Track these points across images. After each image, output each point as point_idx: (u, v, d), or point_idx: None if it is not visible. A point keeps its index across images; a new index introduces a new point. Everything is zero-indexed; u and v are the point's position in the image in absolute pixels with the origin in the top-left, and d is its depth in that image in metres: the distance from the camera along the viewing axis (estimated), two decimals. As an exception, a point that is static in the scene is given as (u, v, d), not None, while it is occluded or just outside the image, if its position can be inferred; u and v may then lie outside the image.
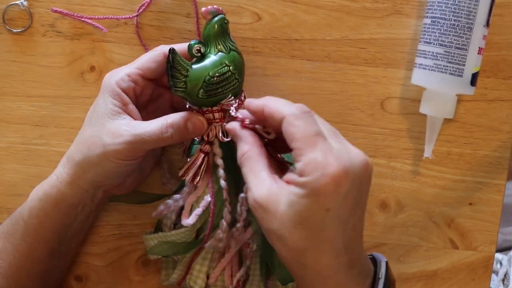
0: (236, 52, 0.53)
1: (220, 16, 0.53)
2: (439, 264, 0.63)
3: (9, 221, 0.57)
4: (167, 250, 0.58)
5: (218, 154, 0.54)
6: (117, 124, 0.52)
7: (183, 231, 0.56)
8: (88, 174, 0.54)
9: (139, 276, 0.64)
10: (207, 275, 0.58)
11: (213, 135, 0.54)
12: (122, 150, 0.51)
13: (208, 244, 0.56)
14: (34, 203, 0.55)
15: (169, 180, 0.62)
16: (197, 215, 0.55)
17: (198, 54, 0.52)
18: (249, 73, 0.61)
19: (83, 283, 0.64)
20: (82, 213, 0.57)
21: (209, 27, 0.53)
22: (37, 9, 0.62)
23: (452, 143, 0.62)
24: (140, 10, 0.61)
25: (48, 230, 0.56)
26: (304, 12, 0.61)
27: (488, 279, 0.63)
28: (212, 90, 0.52)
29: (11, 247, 0.56)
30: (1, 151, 0.63)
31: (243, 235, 0.56)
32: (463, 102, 0.62)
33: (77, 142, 0.55)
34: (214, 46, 0.53)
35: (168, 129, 0.52)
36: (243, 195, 0.54)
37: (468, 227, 0.63)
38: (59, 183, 0.55)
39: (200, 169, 0.54)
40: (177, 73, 0.51)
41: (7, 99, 0.63)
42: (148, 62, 0.55)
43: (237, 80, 0.53)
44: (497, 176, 0.63)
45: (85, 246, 0.64)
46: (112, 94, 0.54)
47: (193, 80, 0.51)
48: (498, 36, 0.61)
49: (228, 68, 0.52)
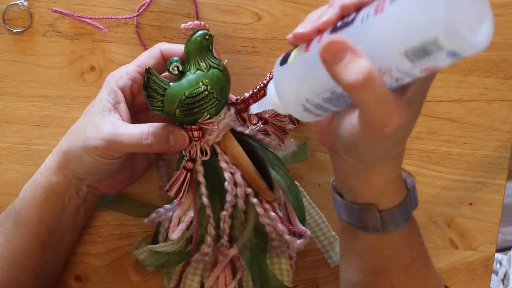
0: (218, 69, 0.52)
1: (201, 32, 0.51)
2: (439, 264, 0.63)
3: (3, 213, 0.59)
4: (156, 261, 0.58)
5: (200, 171, 0.55)
6: (103, 120, 0.53)
7: (171, 243, 0.57)
8: (71, 165, 0.55)
9: (139, 276, 0.64)
10: (200, 284, 0.59)
11: (194, 152, 0.54)
12: (99, 147, 0.52)
13: (194, 258, 0.57)
14: (26, 193, 0.57)
15: (166, 184, 0.62)
16: (181, 230, 0.56)
17: (176, 72, 0.51)
18: (249, 73, 0.61)
19: (83, 283, 0.64)
20: (69, 206, 0.57)
21: (189, 44, 0.51)
22: (37, 9, 0.62)
23: (452, 143, 0.62)
24: (140, 10, 0.61)
25: (38, 220, 0.56)
26: (304, 12, 0.61)
27: (488, 279, 0.63)
28: (188, 110, 0.52)
29: (3, 238, 0.57)
30: (1, 151, 0.63)
31: (229, 250, 0.57)
32: (463, 102, 0.62)
33: (68, 132, 0.56)
34: (194, 64, 0.51)
35: (150, 137, 0.52)
36: (224, 213, 0.55)
37: (468, 227, 0.63)
38: (47, 171, 0.56)
39: (182, 185, 0.55)
40: (153, 93, 0.51)
41: (7, 99, 0.63)
42: (147, 59, 0.55)
43: (216, 99, 0.52)
44: (497, 176, 0.63)
45: (85, 246, 0.64)
46: (109, 91, 0.54)
47: (170, 99, 0.51)
48: (498, 36, 0.61)
49: (204, 88, 0.51)
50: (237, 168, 0.54)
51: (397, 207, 0.47)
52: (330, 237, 0.62)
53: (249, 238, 0.56)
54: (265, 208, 0.56)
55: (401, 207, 0.48)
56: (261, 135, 0.57)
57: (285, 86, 0.44)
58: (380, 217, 0.47)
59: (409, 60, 0.35)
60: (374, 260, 0.50)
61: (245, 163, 0.54)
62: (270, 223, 0.56)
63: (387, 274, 0.51)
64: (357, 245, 0.51)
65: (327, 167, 0.62)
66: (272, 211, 0.56)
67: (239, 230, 0.57)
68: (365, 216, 0.48)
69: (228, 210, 0.55)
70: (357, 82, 0.36)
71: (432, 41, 0.33)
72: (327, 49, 0.37)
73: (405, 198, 0.48)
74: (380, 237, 0.49)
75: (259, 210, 0.55)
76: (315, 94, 0.41)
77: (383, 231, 0.48)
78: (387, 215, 0.47)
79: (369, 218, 0.48)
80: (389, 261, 0.50)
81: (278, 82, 0.44)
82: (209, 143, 0.54)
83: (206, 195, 0.55)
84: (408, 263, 0.50)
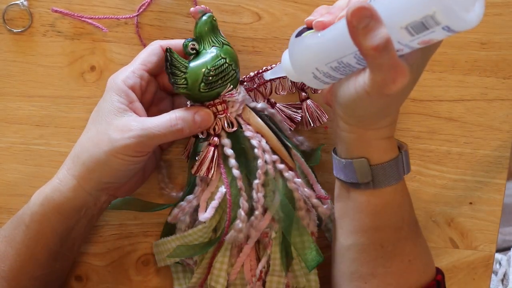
0: (229, 45, 0.55)
1: (209, 14, 0.55)
2: (439, 263, 0.63)
3: (10, 224, 0.57)
4: (185, 252, 0.57)
5: (227, 144, 0.55)
6: (124, 120, 0.52)
7: (201, 228, 0.56)
8: (94, 175, 0.53)
9: (140, 276, 0.64)
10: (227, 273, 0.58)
11: (219, 127, 0.55)
12: (131, 145, 0.51)
13: (229, 236, 0.56)
14: (36, 208, 0.55)
15: (167, 185, 0.62)
16: (214, 207, 0.55)
17: (193, 51, 0.54)
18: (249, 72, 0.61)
19: (84, 283, 0.64)
20: (84, 217, 0.56)
21: (200, 25, 0.55)
22: (38, 9, 0.62)
23: (452, 143, 0.63)
24: (140, 10, 0.61)
25: (50, 235, 0.55)
26: (305, 12, 0.61)
27: (488, 278, 0.63)
28: (213, 82, 0.54)
29: (13, 251, 0.55)
30: (1, 151, 0.63)
31: (261, 223, 0.57)
32: (463, 101, 0.62)
33: (82, 142, 0.55)
34: (208, 42, 0.55)
35: (179, 121, 0.52)
36: (256, 182, 0.55)
37: (468, 226, 0.63)
38: (62, 187, 0.54)
39: (212, 162, 0.55)
40: (176, 70, 0.53)
41: (8, 99, 0.63)
42: (149, 56, 0.55)
43: (234, 71, 0.55)
44: (497, 175, 0.63)
45: (85, 246, 0.64)
46: (118, 92, 0.54)
47: (193, 75, 0.53)
48: (498, 36, 0.61)
49: (224, 60, 0.54)
50: (262, 137, 0.56)
51: (387, 163, 0.51)
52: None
53: (280, 205, 0.56)
54: (291, 174, 0.57)
55: (392, 164, 0.52)
56: (272, 110, 0.59)
57: (298, 55, 0.50)
58: (371, 172, 0.51)
59: (409, 33, 0.40)
60: (365, 220, 0.53)
61: (267, 132, 0.57)
62: (298, 188, 0.57)
63: (377, 235, 0.53)
64: (350, 206, 0.54)
65: (327, 166, 0.62)
66: (296, 177, 0.57)
67: (271, 198, 0.56)
68: (357, 170, 0.52)
69: (261, 178, 0.55)
70: (378, 47, 0.40)
71: (430, 17, 0.38)
72: (355, 13, 0.41)
73: (397, 157, 0.52)
74: (371, 194, 0.52)
75: (286, 175, 0.56)
76: (324, 63, 0.47)
77: (373, 186, 0.52)
78: (377, 170, 0.51)
79: (361, 172, 0.51)
80: (379, 220, 0.53)
81: (292, 52, 0.50)
82: (233, 115, 0.56)
83: (236, 166, 0.55)
84: (399, 226, 0.53)
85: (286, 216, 0.56)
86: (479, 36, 0.61)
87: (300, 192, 0.57)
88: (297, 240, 0.58)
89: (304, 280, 0.59)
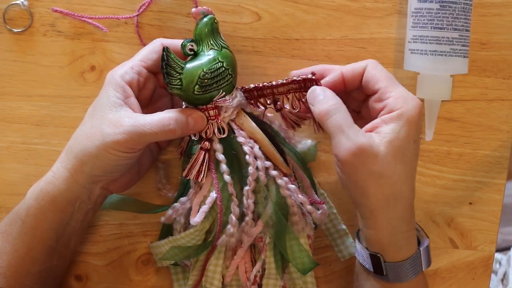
0: (228, 49, 0.55)
1: (210, 16, 0.55)
2: (439, 263, 0.63)
3: (7, 220, 0.57)
4: (178, 254, 0.57)
5: (218, 150, 0.55)
6: (118, 115, 0.52)
7: (192, 232, 0.56)
8: (86, 168, 0.53)
9: (139, 276, 0.64)
10: (222, 275, 0.58)
11: (211, 132, 0.54)
12: (122, 141, 0.51)
13: (220, 240, 0.56)
14: (31, 202, 0.55)
15: (164, 186, 0.62)
16: (204, 212, 0.55)
17: (191, 52, 0.54)
18: (249, 72, 0.61)
19: (83, 282, 0.64)
20: (79, 211, 0.56)
21: (200, 26, 0.54)
22: (38, 8, 0.62)
23: (452, 143, 0.63)
24: (140, 10, 0.61)
25: (45, 229, 0.55)
26: (304, 12, 0.61)
27: (488, 278, 0.63)
28: (208, 85, 0.53)
29: (9, 246, 0.56)
30: (1, 151, 0.63)
31: (254, 229, 0.56)
32: (463, 101, 0.62)
33: (76, 135, 0.55)
34: (207, 45, 0.54)
35: (171, 122, 0.52)
36: (247, 188, 0.55)
37: (468, 226, 0.63)
38: (56, 179, 0.55)
39: (202, 166, 0.55)
40: (172, 71, 0.52)
41: (8, 98, 0.63)
42: (150, 53, 0.56)
43: (231, 76, 0.54)
44: (497, 175, 0.63)
45: (85, 245, 0.64)
46: (115, 87, 0.54)
47: (188, 77, 0.53)
48: (498, 36, 0.61)
49: (221, 64, 0.53)
50: (255, 143, 0.55)
51: (403, 262, 0.51)
52: (340, 231, 0.62)
53: (273, 212, 0.56)
54: (285, 180, 0.56)
55: (407, 263, 0.51)
56: (270, 116, 0.58)
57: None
58: (385, 268, 0.51)
59: None
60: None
61: (261, 137, 0.56)
62: (291, 195, 0.56)
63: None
64: (368, 286, 0.55)
65: (327, 166, 0.62)
66: (291, 183, 0.56)
67: (263, 204, 0.56)
68: (373, 263, 0.52)
69: (252, 184, 0.55)
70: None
71: None
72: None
73: (413, 255, 0.52)
74: (389, 284, 0.52)
75: (279, 181, 0.55)
76: None
77: (389, 280, 0.52)
78: (392, 267, 0.51)
79: (376, 266, 0.52)
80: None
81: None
82: (225, 120, 0.55)
83: (228, 172, 0.55)
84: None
85: (277, 224, 0.56)
86: (479, 36, 0.61)
87: (294, 199, 0.56)
88: (288, 246, 0.57)
89: (301, 282, 0.59)
